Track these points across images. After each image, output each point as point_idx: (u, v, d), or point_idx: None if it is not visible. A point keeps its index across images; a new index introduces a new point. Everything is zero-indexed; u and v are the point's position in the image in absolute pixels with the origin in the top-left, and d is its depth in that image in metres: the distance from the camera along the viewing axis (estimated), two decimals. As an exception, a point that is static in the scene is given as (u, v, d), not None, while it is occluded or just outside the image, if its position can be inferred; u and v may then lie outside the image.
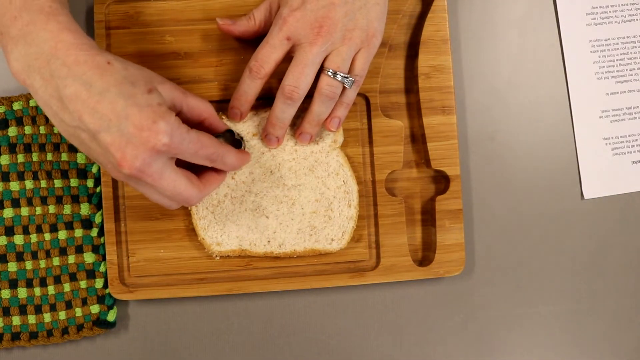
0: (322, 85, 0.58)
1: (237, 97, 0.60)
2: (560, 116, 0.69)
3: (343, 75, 0.58)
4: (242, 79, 0.59)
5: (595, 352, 0.68)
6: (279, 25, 0.57)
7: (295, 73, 0.57)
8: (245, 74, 0.59)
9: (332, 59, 0.57)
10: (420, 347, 0.67)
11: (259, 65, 0.58)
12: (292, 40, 0.57)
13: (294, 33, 0.56)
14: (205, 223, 0.63)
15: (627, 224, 0.69)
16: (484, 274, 0.68)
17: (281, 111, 0.59)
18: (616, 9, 0.69)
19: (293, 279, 0.64)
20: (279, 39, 0.57)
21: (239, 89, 0.60)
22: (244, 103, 0.60)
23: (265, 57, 0.58)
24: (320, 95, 0.59)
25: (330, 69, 0.57)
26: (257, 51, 0.58)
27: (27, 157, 0.63)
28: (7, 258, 0.63)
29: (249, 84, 0.59)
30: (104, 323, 0.64)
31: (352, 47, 0.57)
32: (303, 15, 0.56)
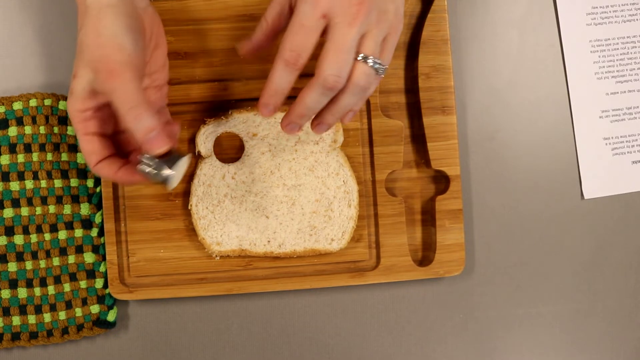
0: (358, 74, 0.51)
1: (272, 93, 0.52)
2: (560, 116, 0.69)
3: (378, 62, 0.51)
4: (275, 71, 0.51)
5: (595, 352, 0.68)
6: (311, 2, 0.49)
7: (339, 60, 0.50)
8: (279, 66, 0.51)
9: (367, 44, 0.50)
10: (420, 347, 0.67)
11: (296, 54, 0.50)
12: (327, 19, 0.49)
13: (330, 9, 0.49)
14: (205, 223, 0.63)
15: (627, 224, 0.69)
16: (484, 274, 0.68)
17: (316, 102, 0.52)
18: (616, 9, 0.69)
19: (293, 279, 0.64)
20: (315, 18, 0.49)
21: (272, 84, 0.52)
22: (279, 98, 0.53)
23: (302, 44, 0.50)
24: (356, 86, 0.51)
25: (365, 55, 0.50)
26: (289, 38, 0.50)
27: (27, 157, 0.63)
28: (7, 258, 0.63)
29: (284, 77, 0.51)
30: (104, 323, 0.64)
31: (384, 30, 0.51)
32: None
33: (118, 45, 0.50)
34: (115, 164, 0.53)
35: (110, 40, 0.50)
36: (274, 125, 0.63)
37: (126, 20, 0.51)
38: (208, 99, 0.64)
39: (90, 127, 0.52)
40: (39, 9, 0.66)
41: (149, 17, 0.54)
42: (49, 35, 0.66)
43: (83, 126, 0.52)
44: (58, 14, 0.66)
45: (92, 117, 0.52)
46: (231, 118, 0.63)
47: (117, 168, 0.53)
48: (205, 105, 0.64)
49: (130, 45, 0.50)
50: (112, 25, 0.50)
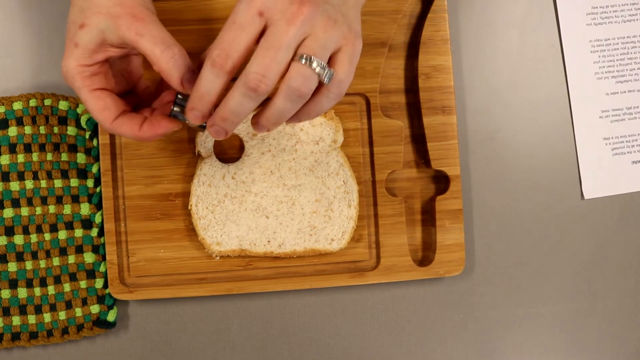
0: (291, 75, 0.45)
1: (198, 97, 0.47)
2: (560, 116, 0.69)
3: (320, 64, 0.45)
4: (202, 74, 0.46)
5: (595, 352, 0.68)
6: None
7: (266, 58, 0.44)
8: (206, 68, 0.46)
9: (307, 44, 0.45)
10: (420, 347, 0.67)
11: (225, 55, 0.45)
12: (264, 17, 0.45)
13: (268, 7, 0.44)
14: (205, 223, 0.63)
15: (627, 224, 0.69)
16: (484, 274, 0.68)
17: (239, 104, 0.46)
18: (616, 9, 0.69)
19: (293, 279, 0.64)
20: (249, 15, 0.45)
21: (198, 87, 0.46)
22: (206, 104, 0.47)
23: (232, 43, 0.45)
24: (288, 88, 0.46)
25: (305, 55, 0.45)
26: (219, 36, 0.45)
27: (27, 157, 0.63)
28: (7, 258, 0.63)
29: (212, 81, 0.46)
30: (104, 323, 0.64)
31: (333, 38, 0.46)
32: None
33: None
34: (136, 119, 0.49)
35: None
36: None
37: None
38: (208, 99, 0.64)
39: (97, 82, 0.49)
40: (39, 9, 0.66)
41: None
42: (49, 35, 0.66)
43: (90, 82, 0.49)
44: (58, 14, 0.66)
45: (98, 72, 0.49)
46: (231, 118, 0.63)
47: (139, 123, 0.49)
48: (205, 105, 0.64)
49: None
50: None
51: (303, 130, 0.63)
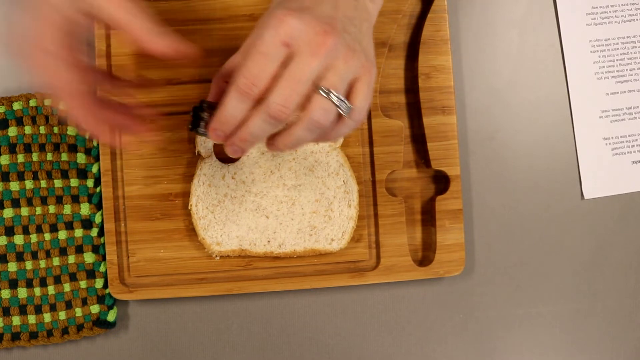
0: (313, 108, 0.46)
1: (222, 121, 0.48)
2: (560, 116, 0.69)
3: (340, 98, 0.46)
4: (227, 99, 0.47)
5: (595, 352, 0.68)
6: (273, 27, 0.45)
7: (287, 90, 0.45)
8: (232, 94, 0.47)
9: (327, 76, 0.46)
10: (420, 347, 0.67)
11: (250, 83, 0.46)
12: (289, 47, 0.45)
13: (293, 37, 0.45)
14: (205, 223, 0.63)
15: (627, 224, 0.69)
16: (484, 274, 0.68)
17: (259, 129, 0.47)
18: (616, 9, 0.69)
19: (293, 279, 0.64)
20: (274, 45, 0.45)
21: (223, 112, 0.47)
22: (229, 127, 0.48)
23: (259, 73, 0.45)
24: (309, 120, 0.47)
25: (327, 88, 0.46)
26: (245, 65, 0.46)
27: (27, 157, 0.63)
28: (7, 258, 0.63)
29: (236, 106, 0.47)
30: (104, 323, 0.64)
31: (352, 68, 0.47)
32: (304, 17, 0.45)
33: None
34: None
35: None
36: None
37: None
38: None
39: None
40: (39, 9, 0.66)
41: None
42: (49, 35, 0.66)
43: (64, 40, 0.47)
44: (58, 14, 0.66)
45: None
46: (231, 118, 0.63)
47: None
48: (205, 105, 0.64)
49: None
50: None
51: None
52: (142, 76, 0.59)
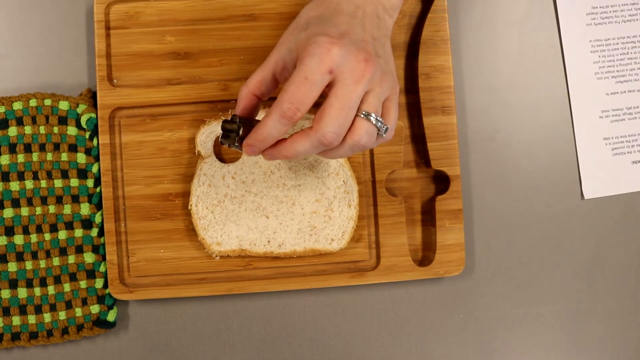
0: (360, 133, 0.50)
1: (260, 139, 0.51)
2: (560, 116, 0.69)
3: (381, 121, 0.50)
4: (269, 120, 0.50)
5: (595, 352, 0.68)
6: (319, 56, 0.48)
7: (340, 118, 0.48)
8: (274, 116, 0.49)
9: (370, 101, 0.49)
10: (420, 347, 0.67)
11: (294, 108, 0.48)
12: (333, 74, 0.48)
13: (338, 65, 0.48)
14: (205, 223, 0.63)
15: (627, 224, 0.69)
16: (484, 274, 0.68)
17: (307, 151, 0.51)
18: (616, 9, 0.69)
19: (293, 279, 0.64)
20: (320, 73, 0.48)
21: (262, 130, 0.50)
22: (267, 145, 0.52)
23: (302, 98, 0.48)
24: (356, 144, 0.50)
25: (368, 112, 0.49)
26: (290, 89, 0.48)
27: (27, 157, 0.63)
28: (7, 258, 0.63)
29: (277, 128, 0.50)
30: (104, 323, 0.64)
31: (385, 90, 0.50)
32: (346, 45, 0.48)
33: None
34: None
35: None
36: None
37: None
38: (208, 99, 0.64)
39: None
40: (39, 9, 0.66)
41: None
42: (49, 35, 0.66)
43: None
44: (58, 14, 0.66)
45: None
46: (231, 118, 0.64)
47: None
48: (205, 105, 0.64)
49: None
50: None
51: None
52: None
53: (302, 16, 0.54)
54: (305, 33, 0.50)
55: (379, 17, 0.53)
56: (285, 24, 0.64)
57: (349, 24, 0.50)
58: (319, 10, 0.53)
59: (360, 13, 0.52)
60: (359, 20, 0.51)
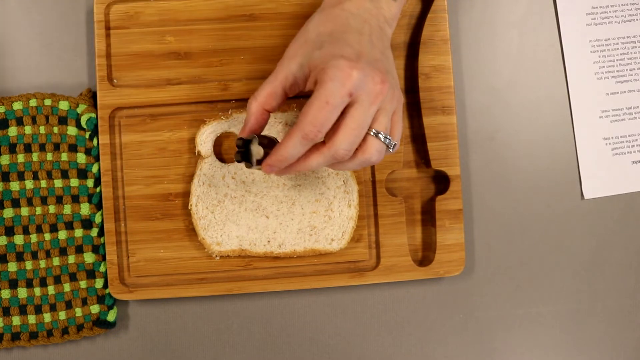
0: (371, 152, 0.52)
1: (281, 159, 0.53)
2: (560, 116, 0.69)
3: (389, 139, 0.52)
4: (290, 141, 0.51)
5: (595, 352, 0.68)
6: (340, 80, 0.49)
7: (352, 137, 0.50)
8: (296, 138, 0.51)
9: (380, 120, 0.51)
10: (420, 347, 0.67)
11: (316, 130, 0.50)
12: (352, 97, 0.50)
13: (357, 88, 0.49)
14: (205, 223, 0.63)
15: (627, 224, 0.69)
16: (484, 274, 0.68)
17: (319, 165, 0.53)
18: (616, 9, 0.69)
19: (293, 279, 0.64)
20: (341, 96, 0.49)
21: (284, 151, 0.52)
22: (286, 164, 0.53)
23: (324, 121, 0.50)
24: (367, 161, 0.53)
25: (378, 131, 0.52)
26: (312, 112, 0.50)
27: (27, 157, 0.63)
28: (7, 258, 0.63)
29: (298, 149, 0.52)
30: (104, 323, 0.64)
31: (394, 106, 0.52)
32: (363, 67, 0.50)
33: None
34: None
35: None
36: (273, 125, 0.63)
37: None
38: (208, 99, 0.64)
39: None
40: (39, 9, 0.66)
41: None
42: (49, 35, 0.66)
43: None
44: (58, 14, 0.66)
45: None
46: (231, 118, 0.64)
47: None
48: (205, 105, 0.64)
49: None
50: None
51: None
52: None
53: (310, 30, 0.54)
54: (320, 53, 0.51)
55: (382, 29, 0.55)
56: (285, 24, 0.64)
57: (360, 42, 0.52)
58: (328, 26, 0.53)
59: (367, 28, 0.53)
60: (367, 37, 0.53)
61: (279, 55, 0.64)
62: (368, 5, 0.54)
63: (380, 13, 0.55)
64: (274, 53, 0.64)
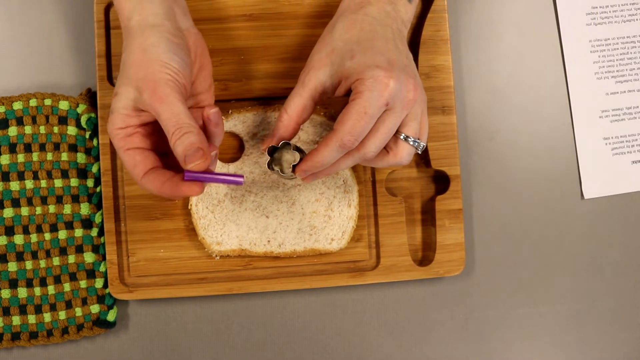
0: (403, 155, 0.54)
1: (317, 166, 0.54)
2: (560, 116, 0.69)
3: (418, 141, 0.54)
4: (328, 148, 0.52)
5: (595, 352, 0.68)
6: (378, 91, 0.50)
7: (382, 141, 0.52)
8: (333, 146, 0.52)
9: (410, 125, 0.53)
10: (420, 347, 0.67)
11: (354, 139, 0.51)
12: (388, 106, 0.51)
13: (393, 97, 0.51)
14: (205, 223, 0.63)
15: (627, 224, 0.69)
16: (484, 274, 0.68)
17: (345, 167, 0.55)
18: (616, 9, 0.69)
19: (293, 279, 0.64)
20: (379, 107, 0.51)
21: (320, 158, 0.53)
22: (319, 169, 0.55)
23: (362, 131, 0.51)
24: (397, 164, 0.55)
25: (404, 134, 0.53)
26: (350, 122, 0.51)
27: (27, 157, 0.63)
28: (7, 258, 0.63)
29: (334, 156, 0.53)
30: (104, 323, 0.64)
31: (420, 108, 0.54)
32: (398, 76, 0.51)
33: (163, 63, 0.50)
34: (162, 176, 0.51)
35: (155, 58, 0.50)
36: (273, 124, 0.63)
37: (171, 39, 0.51)
38: (208, 99, 0.64)
39: (132, 143, 0.52)
40: (39, 9, 0.66)
41: (193, 38, 0.55)
42: (49, 35, 0.66)
43: (124, 143, 0.52)
44: (58, 14, 0.66)
45: (133, 133, 0.52)
46: (231, 118, 0.64)
47: (163, 180, 0.51)
48: (205, 105, 0.64)
49: (176, 64, 0.51)
50: (157, 44, 0.51)
51: (303, 130, 0.63)
52: None
53: (336, 38, 0.54)
54: (353, 63, 0.52)
55: (401, 32, 0.55)
56: (286, 24, 0.64)
57: (388, 49, 0.52)
58: (354, 33, 0.53)
59: (390, 33, 0.54)
60: (392, 43, 0.53)
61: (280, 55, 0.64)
62: (388, 9, 0.55)
63: (399, 16, 0.55)
64: (274, 53, 0.64)
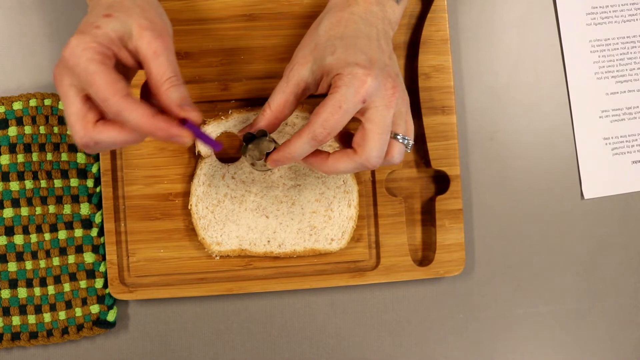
0: (394, 154, 0.54)
1: (288, 157, 0.54)
2: (560, 116, 0.69)
3: (407, 139, 0.54)
4: (299, 140, 0.52)
5: (595, 352, 0.68)
6: (355, 87, 0.50)
7: (381, 142, 0.52)
8: (305, 138, 0.52)
9: (398, 123, 0.53)
10: (420, 347, 0.67)
11: (326, 133, 0.51)
12: (366, 103, 0.51)
13: (371, 95, 0.51)
14: (205, 223, 0.63)
15: (627, 224, 0.69)
16: (484, 274, 0.68)
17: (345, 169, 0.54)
18: (616, 9, 0.69)
19: (293, 279, 0.64)
20: (354, 103, 0.51)
21: (291, 149, 0.53)
22: (291, 162, 0.55)
23: (335, 125, 0.51)
24: (390, 163, 0.54)
25: (395, 133, 0.53)
26: (323, 115, 0.51)
27: (27, 157, 0.63)
28: (7, 258, 0.63)
29: (305, 148, 0.52)
30: (104, 323, 0.64)
31: (405, 107, 0.54)
32: (377, 74, 0.51)
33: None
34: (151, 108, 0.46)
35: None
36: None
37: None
38: (208, 99, 0.64)
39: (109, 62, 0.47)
40: (39, 9, 0.66)
41: None
42: (49, 35, 0.66)
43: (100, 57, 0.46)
44: (58, 14, 0.66)
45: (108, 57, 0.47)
46: (231, 118, 0.64)
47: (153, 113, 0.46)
48: (205, 105, 0.64)
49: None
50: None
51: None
52: None
53: (321, 35, 0.54)
54: (333, 58, 0.52)
55: (386, 32, 0.55)
56: (285, 23, 0.64)
57: (370, 47, 0.53)
58: (338, 30, 0.54)
59: (375, 32, 0.54)
60: (375, 42, 0.53)
61: (279, 55, 0.64)
62: (375, 9, 0.55)
63: (385, 16, 0.56)
64: (273, 53, 0.64)
